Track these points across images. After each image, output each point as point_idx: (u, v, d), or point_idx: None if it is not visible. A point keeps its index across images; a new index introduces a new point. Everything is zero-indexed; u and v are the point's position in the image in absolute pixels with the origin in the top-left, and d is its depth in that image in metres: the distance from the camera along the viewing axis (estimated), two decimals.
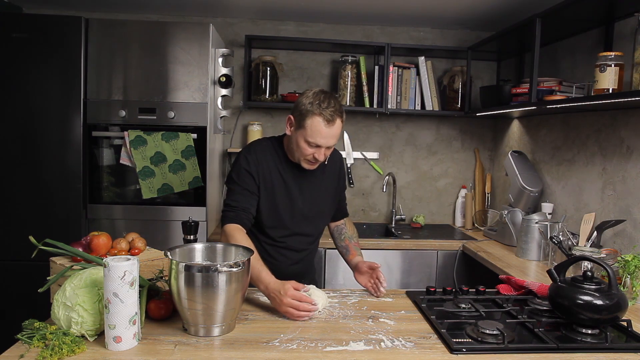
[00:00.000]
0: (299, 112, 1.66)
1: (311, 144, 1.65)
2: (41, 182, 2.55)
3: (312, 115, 1.62)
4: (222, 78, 2.72)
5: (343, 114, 1.67)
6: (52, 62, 2.52)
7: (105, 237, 1.61)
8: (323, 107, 1.61)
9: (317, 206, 1.84)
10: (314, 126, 1.62)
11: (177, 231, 2.65)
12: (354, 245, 1.93)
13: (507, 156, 2.80)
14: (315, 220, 1.87)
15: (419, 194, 3.41)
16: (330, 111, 1.61)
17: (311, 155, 1.68)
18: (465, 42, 3.26)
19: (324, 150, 1.67)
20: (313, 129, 1.62)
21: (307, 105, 1.63)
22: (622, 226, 2.14)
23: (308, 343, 1.30)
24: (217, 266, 1.29)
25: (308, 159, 1.70)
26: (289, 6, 2.89)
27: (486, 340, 1.32)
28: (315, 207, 1.84)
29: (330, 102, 1.62)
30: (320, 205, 1.86)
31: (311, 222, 1.85)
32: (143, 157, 2.58)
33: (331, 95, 1.66)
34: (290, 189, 1.79)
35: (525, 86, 2.48)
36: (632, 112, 2.12)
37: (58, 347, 1.16)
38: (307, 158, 1.69)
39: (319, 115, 1.61)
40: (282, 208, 1.78)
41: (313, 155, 1.67)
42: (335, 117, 1.62)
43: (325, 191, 1.87)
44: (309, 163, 1.71)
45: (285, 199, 1.78)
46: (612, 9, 2.11)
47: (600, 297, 1.33)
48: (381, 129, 3.33)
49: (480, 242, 2.81)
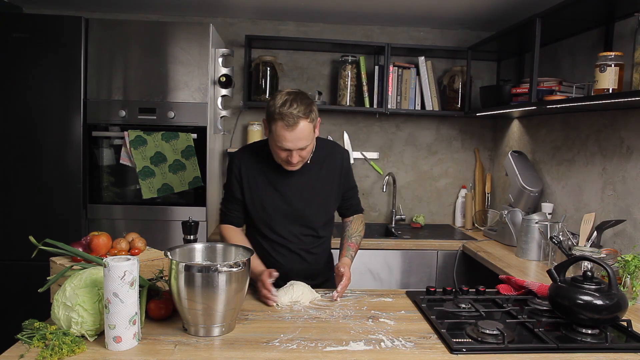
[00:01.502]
0: (267, 115, 1.66)
1: (280, 148, 1.65)
2: (41, 182, 2.55)
3: (275, 120, 1.61)
4: (222, 78, 2.72)
5: (311, 114, 1.63)
6: (52, 62, 2.52)
7: (105, 237, 1.61)
8: (284, 111, 1.58)
9: (310, 205, 1.82)
10: (277, 131, 1.62)
11: (177, 231, 2.65)
12: (348, 245, 1.89)
13: (507, 156, 2.80)
14: (310, 219, 1.84)
15: (419, 194, 3.41)
16: (291, 115, 1.58)
17: (285, 158, 1.67)
18: (465, 42, 3.26)
19: (296, 152, 1.65)
20: (278, 134, 1.62)
21: (272, 109, 1.62)
22: (622, 226, 2.14)
23: (308, 343, 1.30)
24: (217, 266, 1.29)
25: (282, 161, 1.70)
26: (289, 6, 2.89)
27: (486, 340, 1.32)
28: (308, 206, 1.82)
29: (292, 105, 1.59)
30: (314, 203, 1.83)
31: (305, 220, 1.83)
32: (143, 157, 2.58)
33: (298, 96, 1.63)
34: (278, 189, 1.79)
35: (525, 86, 2.48)
36: (632, 112, 2.12)
37: (58, 347, 1.16)
38: (282, 160, 1.70)
39: (280, 119, 1.59)
40: (270, 208, 1.80)
41: (287, 159, 1.67)
42: (298, 120, 1.59)
43: (322, 189, 1.84)
44: (287, 164, 1.71)
45: (272, 198, 1.79)
46: (612, 9, 2.11)
47: (600, 297, 1.33)
48: (381, 129, 3.33)
49: (480, 242, 2.81)
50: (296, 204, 1.80)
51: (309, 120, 1.63)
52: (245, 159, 1.83)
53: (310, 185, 1.82)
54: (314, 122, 1.67)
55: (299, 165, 1.73)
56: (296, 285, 1.64)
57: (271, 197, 1.79)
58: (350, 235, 1.93)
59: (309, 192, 1.82)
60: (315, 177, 1.83)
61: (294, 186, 1.80)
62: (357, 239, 1.93)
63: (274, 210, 1.80)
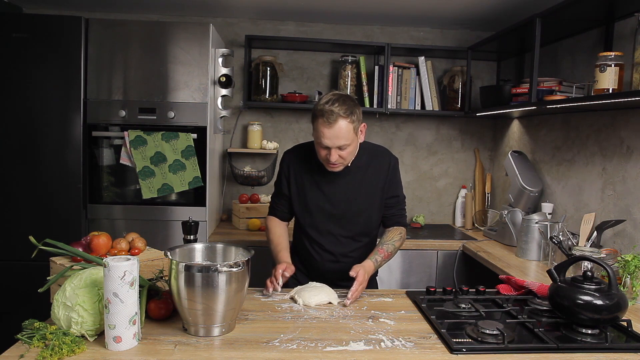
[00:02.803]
0: (312, 113, 1.74)
1: (320, 145, 1.71)
2: (41, 182, 2.55)
3: (317, 117, 1.69)
4: (222, 78, 2.72)
5: (353, 115, 1.68)
6: (52, 62, 2.52)
7: (105, 237, 1.61)
8: (326, 109, 1.65)
9: (350, 207, 1.84)
10: (318, 128, 1.69)
11: (177, 231, 2.65)
12: (377, 250, 1.83)
13: (507, 156, 2.80)
14: (350, 221, 1.85)
15: (419, 194, 3.41)
16: (331, 112, 1.64)
17: (325, 156, 1.73)
18: (465, 42, 3.26)
19: (335, 151, 1.69)
20: (318, 130, 1.70)
21: (316, 107, 1.70)
22: (622, 226, 2.14)
23: (308, 343, 1.30)
24: (217, 266, 1.29)
25: (324, 160, 1.76)
26: (288, 6, 2.89)
27: (486, 340, 1.32)
28: (348, 208, 1.84)
29: (335, 104, 1.65)
30: (354, 206, 1.84)
31: (344, 222, 1.85)
32: (143, 157, 2.58)
33: (342, 97, 1.69)
34: (321, 188, 1.84)
35: (525, 86, 2.48)
36: (632, 112, 2.12)
37: (58, 347, 1.16)
38: (323, 160, 1.76)
39: (321, 116, 1.67)
40: (313, 206, 1.86)
41: (327, 157, 1.72)
42: (338, 118, 1.65)
43: (364, 193, 1.84)
44: (328, 163, 1.75)
45: (315, 197, 1.85)
46: (612, 9, 2.11)
47: (600, 297, 1.33)
48: (381, 129, 3.33)
49: (480, 242, 2.81)
50: (337, 205, 1.84)
51: (350, 120, 1.67)
52: (294, 157, 1.90)
53: (353, 188, 1.84)
54: (356, 124, 1.71)
55: (340, 167, 1.77)
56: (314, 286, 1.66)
57: (314, 196, 1.85)
58: (383, 242, 1.85)
59: (350, 195, 1.84)
60: (360, 181, 1.84)
61: (337, 187, 1.84)
62: (389, 247, 1.84)
63: (316, 208, 1.85)
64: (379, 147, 1.96)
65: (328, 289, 1.65)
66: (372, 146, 1.94)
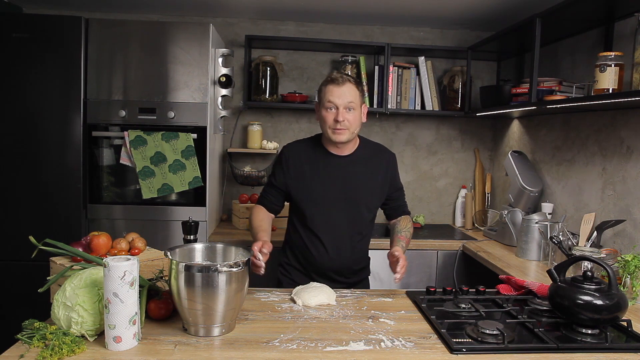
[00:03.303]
0: (318, 93, 1.87)
1: (328, 106, 1.80)
2: (41, 182, 2.55)
3: (325, 85, 1.83)
4: (222, 78, 2.72)
5: (359, 85, 1.84)
6: (52, 62, 2.52)
7: (105, 237, 1.61)
8: (334, 75, 1.83)
9: (351, 196, 1.88)
10: (326, 91, 1.81)
11: (177, 231, 2.65)
12: (398, 238, 1.92)
13: (507, 156, 2.80)
14: (350, 211, 1.89)
15: (419, 194, 3.41)
16: (340, 76, 1.80)
17: (332, 119, 1.79)
18: (465, 42, 3.26)
19: (343, 111, 1.78)
20: (326, 93, 1.81)
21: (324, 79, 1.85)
22: (622, 226, 2.14)
23: (308, 343, 1.30)
24: (217, 266, 1.29)
25: (331, 125, 1.80)
26: (288, 6, 2.89)
27: (486, 340, 1.32)
28: (349, 197, 1.88)
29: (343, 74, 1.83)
30: (354, 196, 1.89)
31: (345, 211, 1.88)
32: (143, 157, 2.58)
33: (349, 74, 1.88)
34: (322, 176, 1.88)
35: (525, 86, 2.48)
36: (632, 112, 2.12)
37: (58, 347, 1.16)
38: (330, 125, 1.81)
39: (330, 82, 1.81)
40: (313, 194, 1.88)
41: (335, 119, 1.78)
42: (345, 80, 1.79)
43: (364, 183, 1.90)
44: (334, 133, 1.81)
45: (317, 184, 1.88)
46: (612, 9, 2.11)
47: (600, 297, 1.33)
48: (381, 129, 3.33)
49: (480, 242, 2.81)
50: (337, 193, 1.88)
51: (357, 86, 1.82)
52: (293, 150, 1.95)
53: (354, 177, 1.89)
54: (362, 93, 1.85)
55: (345, 133, 1.81)
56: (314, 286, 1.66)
57: (316, 183, 1.88)
58: (400, 230, 1.97)
59: (351, 185, 1.89)
60: (360, 172, 1.90)
61: (338, 175, 1.88)
62: (407, 233, 1.97)
63: (317, 195, 1.88)
64: (378, 144, 2.05)
65: (328, 289, 1.65)
66: (372, 142, 2.03)
